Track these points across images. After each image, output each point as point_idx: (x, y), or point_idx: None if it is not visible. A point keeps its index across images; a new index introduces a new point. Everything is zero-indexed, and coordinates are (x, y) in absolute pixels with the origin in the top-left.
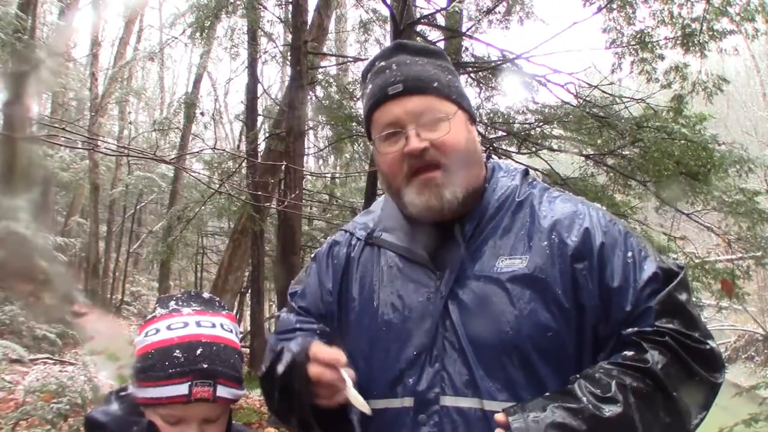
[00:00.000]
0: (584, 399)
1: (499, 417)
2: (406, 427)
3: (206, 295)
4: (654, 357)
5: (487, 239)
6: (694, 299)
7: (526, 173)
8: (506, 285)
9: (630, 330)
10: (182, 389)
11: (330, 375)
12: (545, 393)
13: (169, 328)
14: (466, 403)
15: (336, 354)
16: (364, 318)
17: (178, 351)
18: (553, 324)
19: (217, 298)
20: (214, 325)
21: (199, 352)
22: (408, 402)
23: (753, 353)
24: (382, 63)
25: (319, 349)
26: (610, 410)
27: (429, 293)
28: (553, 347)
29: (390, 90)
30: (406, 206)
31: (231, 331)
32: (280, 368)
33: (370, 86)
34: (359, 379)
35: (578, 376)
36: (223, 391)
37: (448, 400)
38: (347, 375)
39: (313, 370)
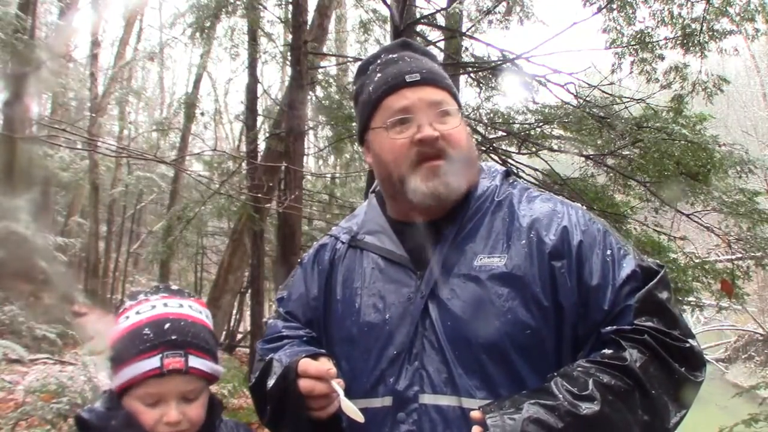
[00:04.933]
0: (560, 396)
1: (476, 414)
2: (385, 426)
3: (175, 287)
4: (632, 355)
5: (467, 239)
6: (675, 297)
7: (507, 174)
8: (485, 283)
9: (609, 328)
10: (154, 362)
11: (321, 388)
12: (524, 391)
13: (137, 312)
14: (445, 401)
15: (325, 366)
16: (346, 320)
17: (147, 329)
18: (532, 322)
19: (187, 290)
20: (181, 305)
21: (167, 326)
22: (388, 401)
23: (753, 353)
24: (392, 55)
25: (308, 365)
26: (587, 408)
27: (410, 293)
28: (532, 345)
29: (408, 77)
30: (407, 193)
31: (200, 312)
32: (270, 382)
33: (379, 75)
34: (343, 380)
35: (555, 374)
36: (195, 362)
37: (427, 399)
38: (338, 386)
39: (304, 384)
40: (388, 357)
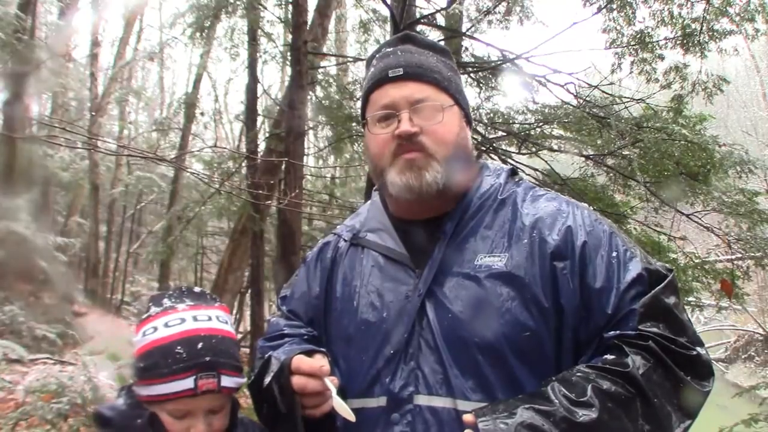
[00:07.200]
0: (557, 402)
1: (468, 417)
2: (378, 426)
3: (197, 289)
4: (635, 361)
5: (467, 237)
6: (683, 303)
7: (512, 172)
8: (484, 283)
9: (612, 333)
10: (188, 383)
11: (313, 385)
12: (520, 395)
13: (166, 325)
14: (440, 402)
15: (318, 363)
16: (344, 318)
17: (179, 347)
18: (531, 323)
19: (208, 292)
20: (210, 318)
21: (200, 346)
22: (383, 401)
23: (753, 353)
24: (388, 49)
25: (302, 361)
26: (584, 415)
27: (408, 291)
28: (531, 347)
29: (390, 73)
30: (387, 186)
31: (226, 323)
32: (267, 379)
33: (372, 69)
34: (340, 380)
35: (553, 378)
36: (227, 381)
37: (422, 400)
38: (331, 383)
39: (297, 381)
40: (385, 356)
